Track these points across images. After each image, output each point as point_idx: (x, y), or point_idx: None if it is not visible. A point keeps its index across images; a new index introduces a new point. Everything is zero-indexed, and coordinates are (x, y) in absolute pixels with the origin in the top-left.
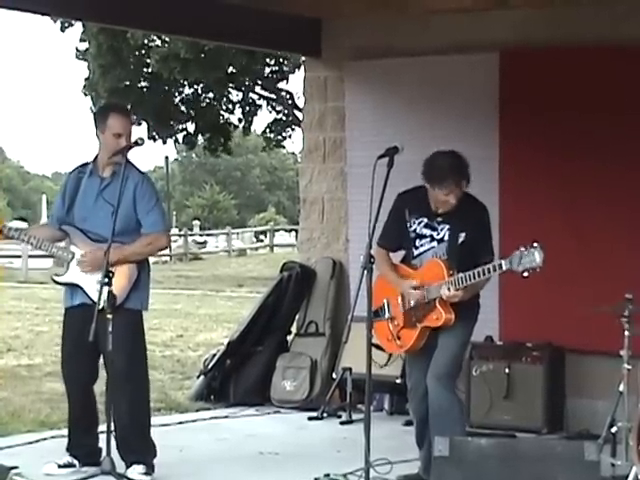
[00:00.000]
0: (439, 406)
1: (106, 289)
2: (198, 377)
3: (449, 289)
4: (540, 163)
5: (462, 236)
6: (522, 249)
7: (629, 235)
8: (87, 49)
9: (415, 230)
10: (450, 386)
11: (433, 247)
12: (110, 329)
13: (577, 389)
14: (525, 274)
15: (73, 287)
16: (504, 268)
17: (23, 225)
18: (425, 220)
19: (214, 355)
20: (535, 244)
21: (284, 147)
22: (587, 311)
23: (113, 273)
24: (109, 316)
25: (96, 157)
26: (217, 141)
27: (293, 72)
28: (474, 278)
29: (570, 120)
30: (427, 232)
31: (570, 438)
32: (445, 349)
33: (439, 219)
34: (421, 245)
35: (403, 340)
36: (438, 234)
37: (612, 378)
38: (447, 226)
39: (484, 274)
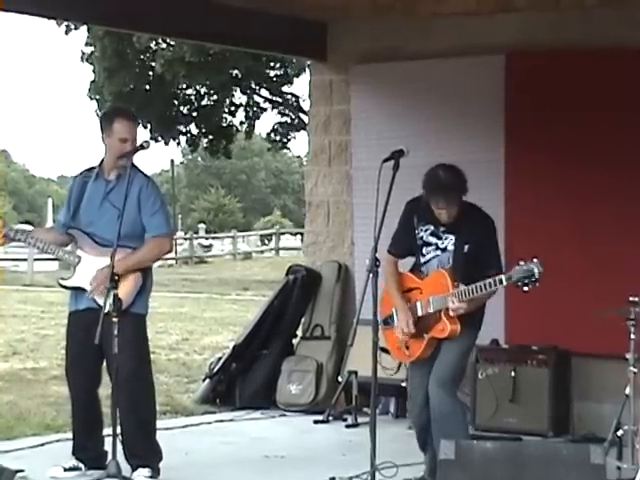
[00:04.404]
0: (440, 412)
1: (112, 293)
2: (204, 380)
3: (453, 301)
4: (546, 165)
5: (466, 247)
6: (522, 264)
7: (636, 238)
8: (92, 52)
9: (422, 237)
10: (452, 392)
11: (437, 255)
12: (116, 333)
13: (583, 392)
14: (525, 288)
15: (79, 291)
16: (504, 283)
17: (29, 228)
18: (431, 228)
19: (220, 358)
20: (535, 259)
21: (289, 149)
22: (592, 315)
23: (119, 277)
24: (115, 320)
25: (102, 161)
26: (219, 143)
27: (298, 75)
28: (478, 291)
29: (576, 122)
30: (433, 240)
31: (576, 441)
32: (447, 356)
33: (443, 228)
34: (427, 253)
35: (411, 350)
36: (442, 243)
37: (618, 381)
38: (451, 236)
39: (487, 288)
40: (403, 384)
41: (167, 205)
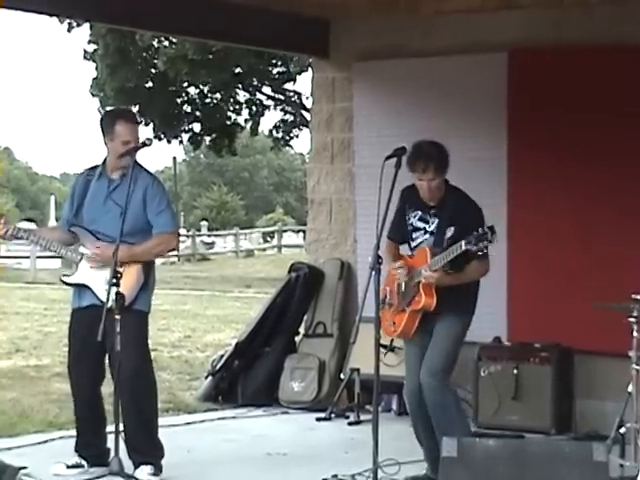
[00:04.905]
0: (434, 402)
1: (114, 289)
2: (206, 378)
3: (426, 270)
4: (548, 163)
5: (451, 230)
6: (480, 230)
7: (638, 236)
8: (95, 50)
9: (412, 223)
10: (443, 381)
11: (426, 239)
12: (118, 329)
13: (586, 390)
14: (479, 253)
15: (81, 288)
16: (463, 247)
17: (32, 226)
18: (420, 213)
19: (222, 356)
20: (490, 225)
21: (291, 147)
22: (594, 313)
23: (121, 274)
24: (117, 317)
25: (105, 160)
26: (222, 141)
27: (300, 73)
28: (444, 259)
29: (579, 120)
30: (421, 225)
31: (578, 439)
32: (438, 344)
33: (432, 212)
34: (416, 237)
35: (396, 325)
36: (430, 227)
37: (621, 379)
38: (436, 219)
39: (450, 255)
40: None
41: (172, 203)
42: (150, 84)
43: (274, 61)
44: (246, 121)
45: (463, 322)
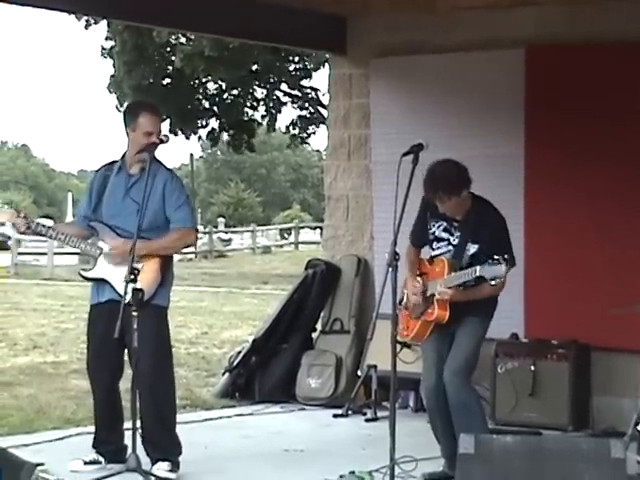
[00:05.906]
0: (458, 400)
1: (131, 285)
2: (223, 374)
3: (440, 285)
4: (566, 161)
5: (475, 247)
6: (495, 259)
7: None
8: (112, 47)
9: (434, 233)
10: (467, 380)
11: (449, 250)
12: (136, 325)
13: (603, 386)
14: (492, 282)
15: (100, 283)
16: (477, 274)
17: (49, 223)
18: (444, 224)
19: (239, 352)
20: (506, 256)
21: (308, 144)
22: (606, 305)
23: (139, 270)
24: (135, 312)
25: (124, 154)
26: (241, 138)
27: (317, 69)
28: (458, 279)
29: (597, 117)
30: (445, 236)
31: (596, 436)
32: (461, 345)
33: (456, 224)
34: (438, 248)
35: (409, 330)
36: (453, 239)
37: (638, 375)
38: (459, 233)
39: (464, 277)
40: None
41: (190, 199)
42: (167, 81)
43: (291, 58)
44: (263, 117)
45: (484, 325)
